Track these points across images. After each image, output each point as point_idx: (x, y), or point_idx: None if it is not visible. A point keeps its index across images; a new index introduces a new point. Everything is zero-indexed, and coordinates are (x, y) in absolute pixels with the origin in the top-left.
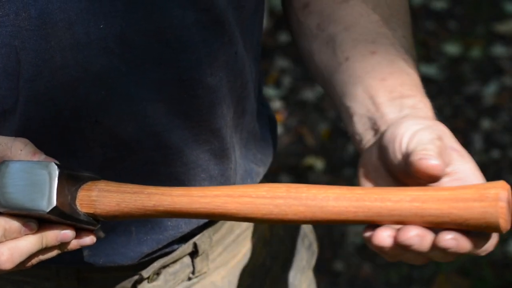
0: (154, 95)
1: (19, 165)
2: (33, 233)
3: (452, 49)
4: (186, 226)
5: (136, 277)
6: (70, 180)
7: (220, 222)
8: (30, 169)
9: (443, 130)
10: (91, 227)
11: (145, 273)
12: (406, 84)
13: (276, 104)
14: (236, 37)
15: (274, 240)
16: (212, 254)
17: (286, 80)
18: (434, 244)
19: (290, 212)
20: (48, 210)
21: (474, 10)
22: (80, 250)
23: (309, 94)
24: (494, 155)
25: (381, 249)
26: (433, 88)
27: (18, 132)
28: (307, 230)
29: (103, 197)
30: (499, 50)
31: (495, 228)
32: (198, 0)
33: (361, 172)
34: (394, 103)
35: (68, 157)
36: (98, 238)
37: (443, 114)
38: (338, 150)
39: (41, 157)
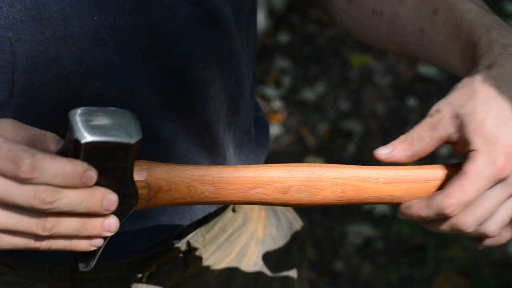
0: (146, 87)
1: (102, 108)
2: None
3: None
4: (179, 220)
5: (130, 277)
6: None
7: (213, 221)
8: (113, 111)
9: None
10: (126, 209)
11: (139, 272)
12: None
13: (276, 104)
14: (233, 34)
15: (266, 239)
16: (205, 253)
17: (286, 80)
18: None
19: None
20: (136, 140)
21: None
22: None
23: (309, 94)
24: None
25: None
26: (433, 88)
27: None
28: (299, 228)
29: (154, 166)
30: None
31: None
32: None
33: None
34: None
35: None
36: (82, 268)
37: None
38: (338, 150)
39: None
